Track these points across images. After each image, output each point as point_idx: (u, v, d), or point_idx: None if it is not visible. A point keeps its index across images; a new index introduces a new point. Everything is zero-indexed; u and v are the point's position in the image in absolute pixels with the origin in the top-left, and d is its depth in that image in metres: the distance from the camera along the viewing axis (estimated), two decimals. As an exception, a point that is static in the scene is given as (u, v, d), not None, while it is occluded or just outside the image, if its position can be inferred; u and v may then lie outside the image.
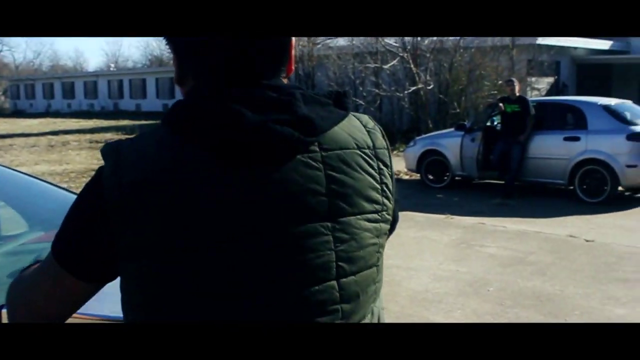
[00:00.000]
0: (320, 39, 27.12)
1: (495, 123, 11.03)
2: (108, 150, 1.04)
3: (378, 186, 1.11)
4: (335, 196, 1.04)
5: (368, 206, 1.09)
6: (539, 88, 19.24)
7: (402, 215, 9.28)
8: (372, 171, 1.11)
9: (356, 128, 1.13)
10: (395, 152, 16.29)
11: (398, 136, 17.17)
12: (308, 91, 1.08)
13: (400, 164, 13.58)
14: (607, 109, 9.95)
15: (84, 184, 1.09)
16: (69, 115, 40.31)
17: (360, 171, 1.08)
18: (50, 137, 23.24)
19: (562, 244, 7.43)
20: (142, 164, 1.00)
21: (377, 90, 18.66)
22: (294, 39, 1.12)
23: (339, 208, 1.04)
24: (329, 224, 1.03)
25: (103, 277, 1.07)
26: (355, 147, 1.10)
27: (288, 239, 1.01)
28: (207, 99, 1.03)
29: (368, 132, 1.14)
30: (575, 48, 21.64)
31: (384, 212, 1.13)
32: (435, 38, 17.68)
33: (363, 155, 1.10)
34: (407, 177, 12.72)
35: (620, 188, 9.78)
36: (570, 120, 10.22)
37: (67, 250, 1.06)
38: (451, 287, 5.92)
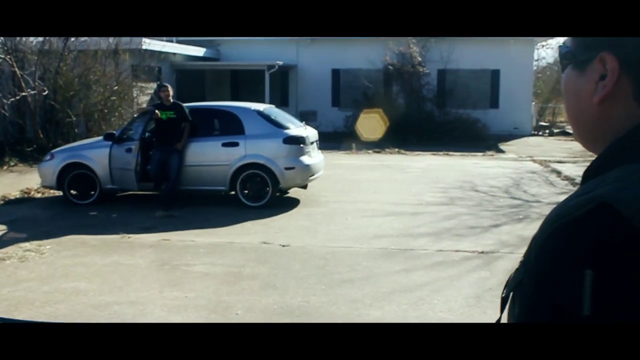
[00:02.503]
0: None
1: (148, 130, 10.36)
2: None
3: None
4: None
5: None
6: (148, 93, 18.89)
7: (69, 239, 8.18)
8: None
9: None
10: (5, 167, 14.33)
11: (7, 149, 15.11)
12: None
13: (21, 183, 11.98)
14: (260, 114, 10.18)
15: None
16: None
17: None
18: None
19: (264, 253, 7.31)
20: None
21: (-32, 97, 16.08)
22: None
23: None
24: None
25: None
26: None
27: None
28: None
29: None
30: (174, 54, 21.90)
31: None
32: (41, 38, 16.03)
33: None
34: (39, 195, 11.22)
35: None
36: (226, 126, 10.17)
37: None
38: (194, 317, 5.30)
